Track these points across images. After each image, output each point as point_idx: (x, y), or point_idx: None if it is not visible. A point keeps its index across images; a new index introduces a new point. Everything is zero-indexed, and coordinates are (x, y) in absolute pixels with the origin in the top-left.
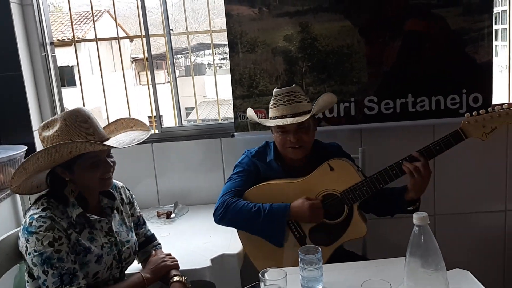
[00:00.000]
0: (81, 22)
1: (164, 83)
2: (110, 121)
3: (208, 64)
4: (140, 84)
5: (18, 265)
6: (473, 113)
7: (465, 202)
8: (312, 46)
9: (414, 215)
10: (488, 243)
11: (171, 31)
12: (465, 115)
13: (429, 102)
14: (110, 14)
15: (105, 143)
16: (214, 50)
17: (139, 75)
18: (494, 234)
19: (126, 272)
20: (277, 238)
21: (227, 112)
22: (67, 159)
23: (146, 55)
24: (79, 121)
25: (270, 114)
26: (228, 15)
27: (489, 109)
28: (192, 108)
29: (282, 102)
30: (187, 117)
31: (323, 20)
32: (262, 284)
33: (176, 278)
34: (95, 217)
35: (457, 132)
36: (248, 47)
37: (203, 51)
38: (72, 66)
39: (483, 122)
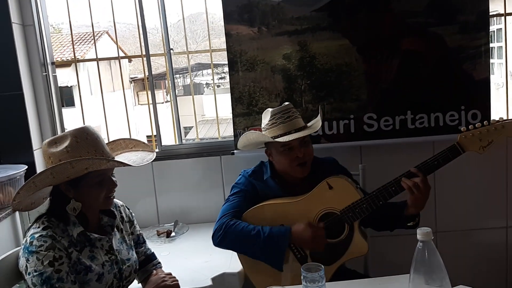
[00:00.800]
0: (80, 43)
1: (162, 103)
2: (109, 140)
3: (206, 83)
4: (138, 104)
5: (17, 285)
6: (469, 126)
7: (467, 219)
8: (311, 64)
9: (418, 230)
10: (490, 259)
11: (171, 51)
12: (461, 129)
13: (428, 118)
14: (109, 35)
15: (119, 161)
16: (212, 69)
17: (137, 95)
18: (496, 250)
19: None
20: (277, 262)
21: (225, 131)
22: (79, 175)
23: (147, 74)
24: (89, 138)
25: (271, 134)
26: (227, 35)
27: (484, 122)
28: (190, 127)
29: (283, 120)
30: (185, 136)
31: (322, 38)
32: None
33: None
34: (96, 235)
35: (454, 146)
36: (248, 65)
37: (201, 71)
38: (71, 86)
39: (479, 136)
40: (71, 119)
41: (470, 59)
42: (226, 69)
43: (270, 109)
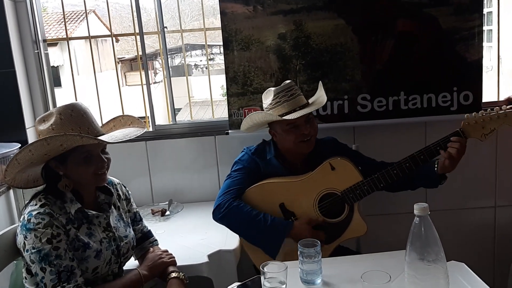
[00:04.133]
0: (66, 22)
1: (151, 84)
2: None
3: (195, 64)
4: (126, 84)
5: (15, 262)
6: (473, 114)
7: (456, 198)
8: (306, 44)
9: (415, 206)
10: (479, 237)
11: (165, 29)
12: (465, 115)
13: (421, 100)
14: (96, 14)
15: (94, 137)
16: (206, 49)
17: (125, 75)
18: (485, 229)
19: (124, 268)
20: (272, 251)
21: (215, 113)
22: (59, 153)
23: (140, 53)
24: (74, 115)
25: (276, 113)
26: (222, 13)
27: (488, 110)
28: (179, 109)
29: (286, 98)
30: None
31: (317, 18)
32: (262, 277)
33: (173, 275)
34: (93, 212)
35: (457, 133)
36: (243, 45)
37: (189, 52)
38: (57, 66)
39: (482, 124)
40: (59, 100)
41: (463, 40)
42: (216, 50)
43: (272, 88)
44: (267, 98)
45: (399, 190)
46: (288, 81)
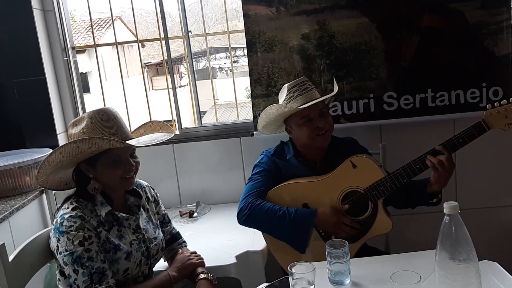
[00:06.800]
0: (93, 29)
1: (177, 88)
2: (129, 123)
3: (219, 67)
4: (152, 89)
5: (49, 264)
6: (495, 104)
7: (487, 196)
8: (330, 43)
9: (445, 204)
10: (511, 236)
11: (189, 33)
12: (487, 106)
13: (449, 96)
14: (122, 21)
15: (122, 141)
16: (230, 52)
17: (151, 80)
18: None
19: (153, 269)
20: (300, 244)
21: (240, 115)
22: (88, 155)
23: (165, 58)
24: (104, 120)
25: (291, 107)
26: (245, 15)
27: (510, 99)
28: (204, 112)
29: (300, 92)
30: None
31: (341, 17)
32: (290, 278)
33: (202, 276)
34: (123, 215)
35: (479, 123)
36: (266, 46)
37: (214, 55)
38: (86, 72)
39: (505, 113)
40: (88, 106)
41: (491, 35)
42: (240, 52)
43: (286, 85)
44: (282, 95)
45: (403, 207)
46: (301, 77)
